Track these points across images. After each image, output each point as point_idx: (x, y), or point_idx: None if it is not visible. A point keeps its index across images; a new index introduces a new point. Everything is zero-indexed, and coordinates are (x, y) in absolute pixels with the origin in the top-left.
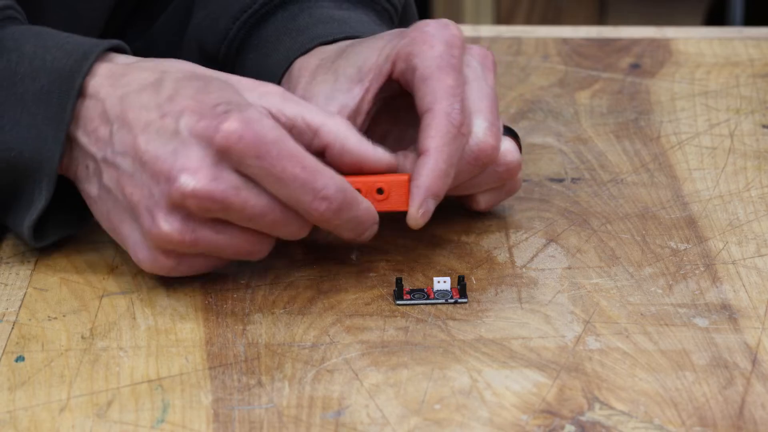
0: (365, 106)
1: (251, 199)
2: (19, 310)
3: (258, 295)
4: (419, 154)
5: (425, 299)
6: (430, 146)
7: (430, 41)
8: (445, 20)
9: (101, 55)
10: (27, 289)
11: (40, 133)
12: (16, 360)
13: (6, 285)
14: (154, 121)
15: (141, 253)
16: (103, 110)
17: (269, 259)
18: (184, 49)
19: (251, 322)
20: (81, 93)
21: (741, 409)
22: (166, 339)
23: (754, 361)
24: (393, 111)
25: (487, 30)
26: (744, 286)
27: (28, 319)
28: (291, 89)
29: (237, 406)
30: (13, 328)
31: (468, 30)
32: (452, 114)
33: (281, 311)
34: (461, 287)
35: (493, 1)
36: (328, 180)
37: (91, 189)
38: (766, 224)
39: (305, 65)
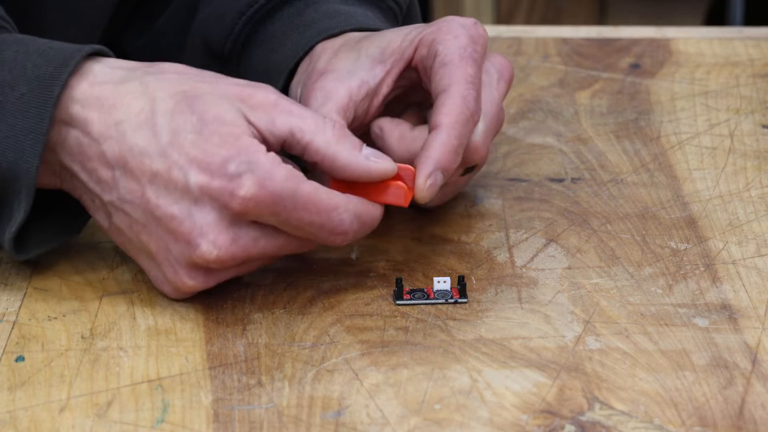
0: (384, 89)
1: (270, 244)
2: (19, 310)
3: (258, 295)
4: (431, 129)
5: (425, 299)
6: (443, 122)
7: (455, 32)
8: (473, 19)
9: (82, 63)
10: (27, 289)
11: (18, 143)
12: (16, 360)
13: (6, 285)
14: (160, 173)
15: (164, 286)
16: (101, 153)
17: None
18: (188, 45)
19: (251, 322)
20: (71, 121)
21: (741, 409)
22: (166, 339)
23: (754, 361)
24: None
25: (487, 30)
26: (744, 286)
27: (28, 319)
28: (312, 64)
29: (237, 406)
30: (13, 328)
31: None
32: (468, 98)
33: (281, 311)
34: (461, 287)
35: (493, 1)
36: (343, 215)
37: (101, 220)
38: (766, 224)
39: (329, 45)
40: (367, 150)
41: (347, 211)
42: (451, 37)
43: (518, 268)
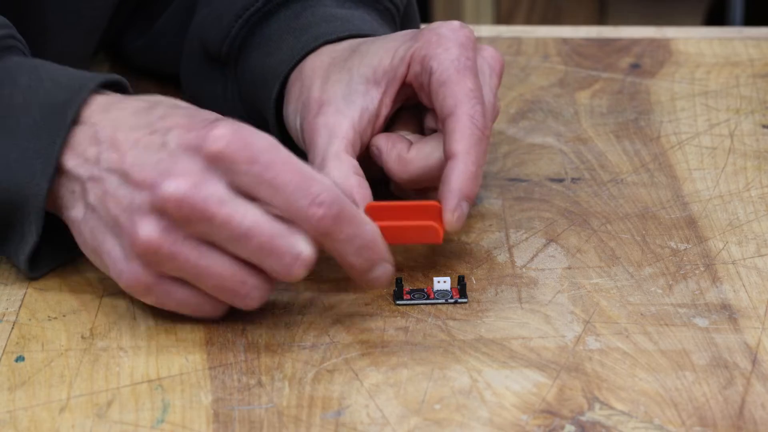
0: (384, 111)
1: (237, 215)
2: (19, 310)
3: None
4: (447, 158)
5: (425, 299)
6: (458, 150)
7: (445, 44)
8: (457, 22)
9: (96, 89)
10: (27, 289)
11: (29, 166)
12: (16, 360)
13: (6, 285)
14: (143, 137)
15: (120, 264)
16: (94, 133)
17: None
18: (186, 47)
19: (251, 322)
20: (74, 121)
21: (741, 409)
22: (166, 339)
23: (754, 361)
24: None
25: (487, 30)
26: (744, 286)
27: (28, 319)
28: (305, 91)
29: (237, 406)
30: (13, 328)
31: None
32: (475, 116)
33: (281, 311)
34: (461, 287)
35: (493, 1)
36: (325, 187)
37: (76, 213)
38: (766, 224)
39: (317, 65)
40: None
41: (331, 187)
42: (442, 50)
43: (518, 268)
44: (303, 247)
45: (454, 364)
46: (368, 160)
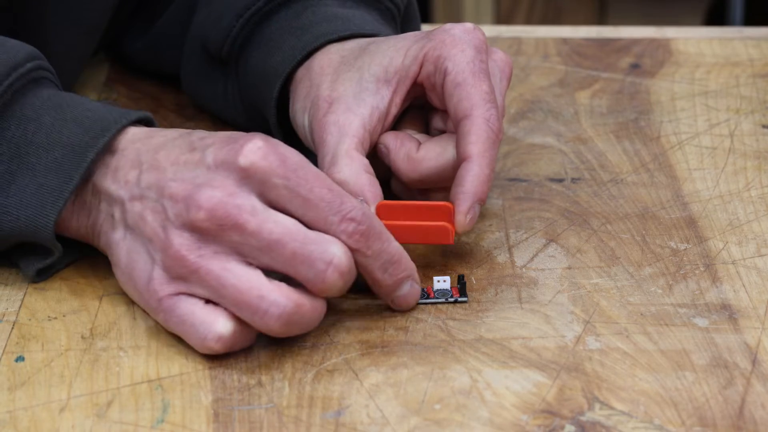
0: (393, 110)
1: (268, 224)
2: (19, 310)
3: None
4: (461, 159)
5: (425, 299)
6: (473, 152)
7: (460, 45)
8: (470, 24)
9: (122, 130)
10: (27, 289)
11: (41, 200)
12: (16, 360)
13: (6, 285)
14: (182, 155)
15: (142, 283)
16: (136, 156)
17: None
18: (186, 47)
19: None
20: (111, 151)
21: (741, 409)
22: (166, 339)
23: (754, 361)
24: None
25: (487, 30)
26: (744, 286)
27: (28, 319)
28: (314, 89)
29: (237, 406)
30: (13, 328)
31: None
32: (490, 120)
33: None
34: (461, 286)
35: (493, 1)
36: (356, 204)
37: (115, 236)
38: (766, 224)
39: (325, 63)
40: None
41: (361, 205)
42: (458, 51)
43: (518, 268)
44: (335, 251)
45: (454, 364)
46: (374, 159)
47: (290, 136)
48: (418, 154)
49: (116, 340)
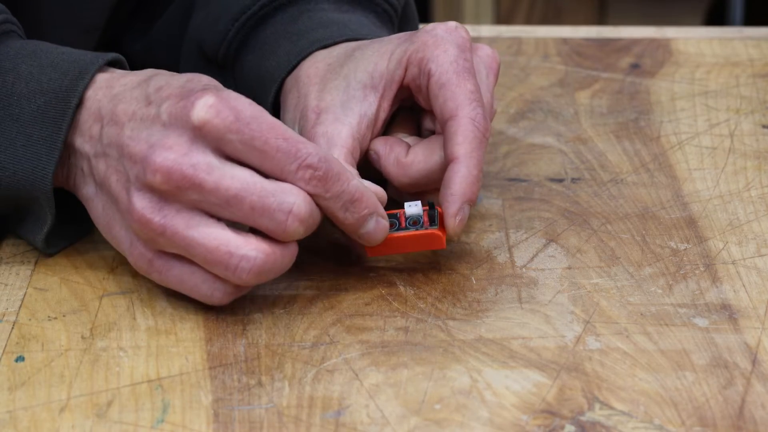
0: (382, 115)
1: (225, 179)
2: (19, 310)
3: (258, 295)
4: (448, 160)
5: (397, 229)
6: (460, 153)
7: (442, 45)
8: (452, 23)
9: (98, 72)
10: (27, 289)
11: (35, 153)
12: (16, 360)
13: (6, 285)
14: (139, 109)
15: (126, 242)
16: (98, 109)
17: None
18: (184, 49)
19: (251, 322)
20: (79, 103)
21: (741, 409)
22: (166, 339)
23: (754, 361)
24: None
25: (487, 30)
26: (744, 286)
27: (28, 319)
28: (302, 100)
29: (237, 406)
30: (13, 328)
31: (468, 30)
32: (476, 119)
33: (281, 311)
34: (431, 215)
35: (493, 1)
36: (312, 149)
37: (88, 190)
38: (766, 224)
39: (312, 72)
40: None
41: (316, 149)
42: (440, 52)
43: (518, 268)
44: (293, 200)
45: (454, 364)
46: (366, 164)
47: None
48: (407, 158)
49: (116, 340)
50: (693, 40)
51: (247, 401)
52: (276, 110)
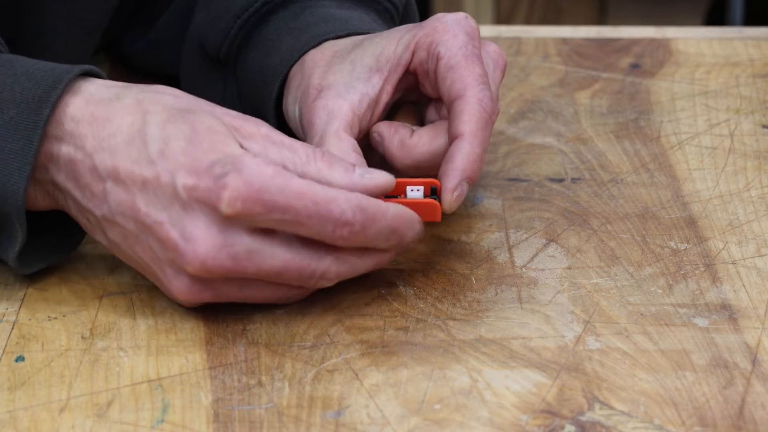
0: (384, 97)
1: (266, 260)
2: (19, 310)
3: None
4: (452, 138)
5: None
6: (465, 130)
7: (452, 31)
8: (462, 13)
9: (72, 84)
10: (27, 289)
11: (6, 165)
12: (16, 360)
13: (6, 285)
14: (150, 180)
15: (162, 284)
16: (93, 166)
17: None
18: (185, 48)
19: (251, 322)
20: (64, 136)
21: (741, 409)
22: (166, 339)
23: (754, 361)
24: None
25: (487, 30)
26: (744, 286)
27: (28, 319)
28: (305, 80)
29: (237, 406)
30: (13, 328)
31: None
32: (484, 100)
33: (281, 311)
34: (432, 190)
35: (493, 1)
36: (344, 204)
37: (100, 238)
38: (766, 224)
39: (318, 57)
40: (360, 169)
41: (348, 201)
42: (450, 37)
43: (518, 268)
44: (327, 266)
45: (454, 364)
46: (367, 150)
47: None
48: (411, 140)
49: (116, 340)
50: (693, 40)
51: (247, 401)
52: (279, 106)
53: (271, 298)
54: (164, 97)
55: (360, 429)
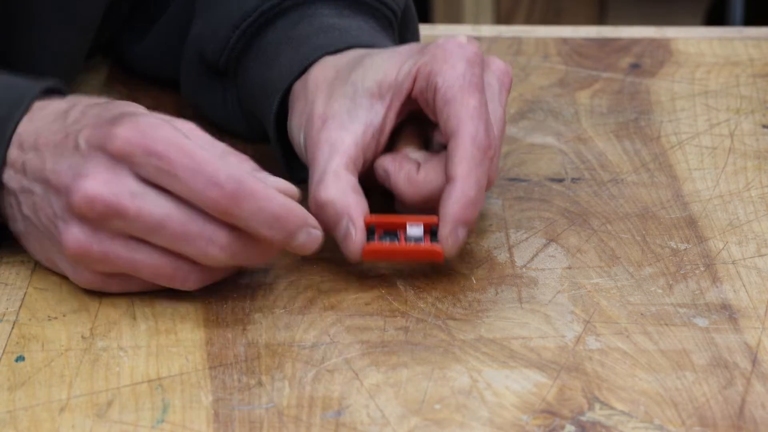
0: (389, 125)
1: (147, 206)
2: (19, 310)
3: (258, 295)
4: (447, 180)
5: (395, 241)
6: (456, 174)
7: (451, 60)
8: (464, 37)
9: (33, 101)
10: (27, 289)
11: None
12: (16, 360)
13: (6, 285)
14: (59, 142)
15: (69, 271)
16: (20, 143)
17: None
18: (184, 57)
19: (251, 322)
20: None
21: (741, 409)
22: (166, 339)
23: (754, 361)
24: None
25: (487, 30)
26: (744, 286)
27: (28, 319)
28: (308, 106)
29: (237, 406)
30: (13, 328)
31: (468, 30)
32: (478, 137)
33: (281, 311)
34: (433, 230)
35: (493, 1)
36: (220, 167)
37: (18, 226)
38: (766, 224)
39: (320, 79)
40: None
41: (226, 167)
42: (448, 67)
43: (518, 268)
44: (214, 228)
45: (454, 364)
46: (373, 174)
47: (291, 150)
48: (419, 176)
49: (116, 340)
50: (693, 40)
51: (247, 401)
52: (280, 119)
53: (163, 270)
54: (103, 98)
55: (360, 429)
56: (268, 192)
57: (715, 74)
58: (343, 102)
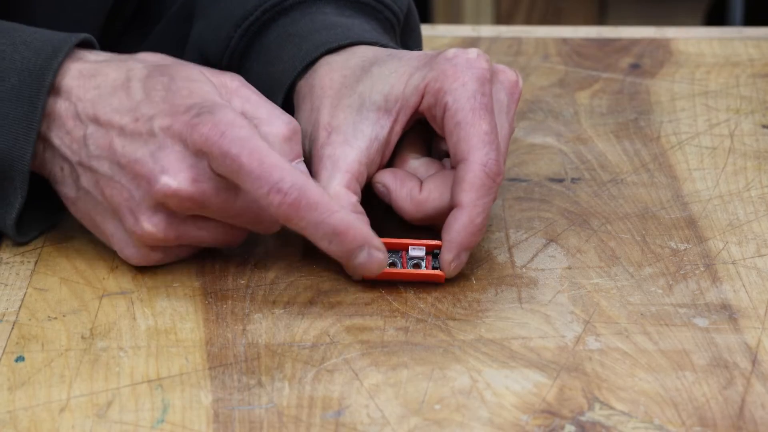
0: (393, 138)
1: (230, 200)
2: (19, 310)
3: (258, 295)
4: (453, 204)
5: (397, 268)
6: (464, 201)
7: (461, 78)
8: (474, 51)
9: (71, 51)
10: (27, 289)
11: (12, 131)
12: (16, 360)
13: (6, 285)
14: (128, 124)
15: (127, 249)
16: (76, 112)
17: (270, 259)
18: (186, 57)
19: (251, 322)
20: (54, 91)
21: (741, 409)
22: (166, 339)
23: (754, 361)
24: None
25: (487, 30)
26: (744, 286)
27: (28, 319)
28: (315, 113)
29: (237, 406)
30: (13, 328)
31: (468, 30)
32: (488, 164)
33: (281, 311)
34: (434, 256)
35: (493, 1)
36: (286, 174)
37: (68, 191)
38: (766, 224)
39: (327, 83)
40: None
41: (292, 175)
42: (459, 85)
43: (518, 268)
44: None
45: (454, 364)
46: (370, 191)
47: None
48: (421, 195)
49: (116, 340)
50: (693, 40)
51: (247, 401)
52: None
53: (222, 238)
54: (148, 56)
55: (360, 429)
56: (331, 205)
57: (715, 74)
58: (349, 113)
